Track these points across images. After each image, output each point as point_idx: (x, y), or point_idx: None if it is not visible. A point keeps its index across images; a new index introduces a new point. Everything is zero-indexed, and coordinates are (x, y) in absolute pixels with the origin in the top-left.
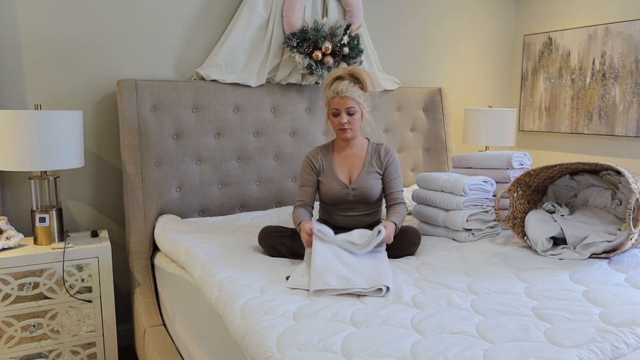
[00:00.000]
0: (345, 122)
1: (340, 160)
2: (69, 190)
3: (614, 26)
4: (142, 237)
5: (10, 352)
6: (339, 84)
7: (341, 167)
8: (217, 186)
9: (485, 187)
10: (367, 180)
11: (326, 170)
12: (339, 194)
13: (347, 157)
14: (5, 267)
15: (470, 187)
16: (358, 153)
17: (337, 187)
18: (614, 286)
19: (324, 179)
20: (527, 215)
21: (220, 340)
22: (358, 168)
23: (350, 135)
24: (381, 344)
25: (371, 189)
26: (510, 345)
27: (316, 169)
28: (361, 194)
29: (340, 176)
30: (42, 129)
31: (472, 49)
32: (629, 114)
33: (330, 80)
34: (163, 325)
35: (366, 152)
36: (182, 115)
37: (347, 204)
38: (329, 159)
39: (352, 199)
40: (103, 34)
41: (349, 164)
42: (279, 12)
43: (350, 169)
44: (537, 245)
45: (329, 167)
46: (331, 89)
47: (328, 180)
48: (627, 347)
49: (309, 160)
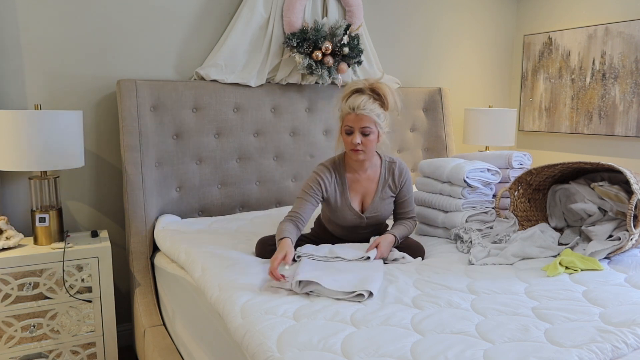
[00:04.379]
0: (358, 143)
1: (353, 185)
2: (69, 190)
3: (614, 26)
4: (142, 237)
5: (10, 352)
6: (356, 99)
7: (354, 193)
8: (217, 186)
9: (487, 178)
10: (381, 206)
11: (339, 195)
12: (352, 222)
13: (360, 180)
14: (5, 267)
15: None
16: (372, 176)
17: (350, 216)
18: (614, 286)
19: (335, 205)
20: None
21: (220, 340)
22: (371, 193)
23: (362, 158)
24: (381, 344)
25: (384, 214)
26: (510, 345)
27: (326, 191)
28: (375, 220)
29: (354, 203)
30: (42, 129)
31: (472, 49)
32: (629, 114)
33: (348, 92)
34: (163, 325)
35: (379, 174)
36: (182, 115)
37: (357, 228)
38: (341, 184)
39: (365, 226)
40: (103, 34)
41: (362, 189)
42: (279, 12)
43: (363, 193)
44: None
45: (342, 194)
46: (347, 103)
47: (341, 208)
48: (627, 347)
49: (320, 180)
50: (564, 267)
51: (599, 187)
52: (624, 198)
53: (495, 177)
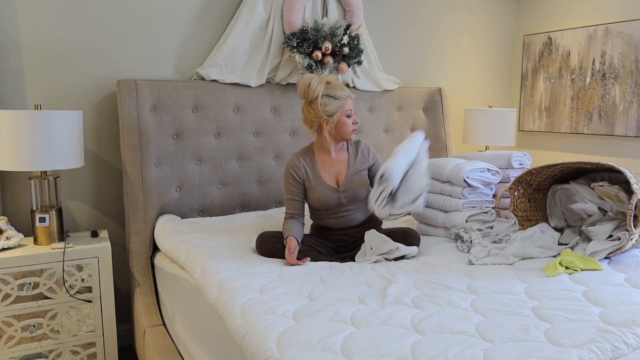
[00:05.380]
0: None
1: (324, 166)
2: (69, 190)
3: (614, 26)
4: (142, 237)
5: (10, 352)
6: (336, 87)
7: (326, 172)
8: (217, 186)
9: (487, 178)
10: (355, 178)
11: (312, 177)
12: (331, 199)
13: (331, 160)
14: (5, 267)
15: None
16: (341, 156)
17: (327, 192)
18: (614, 286)
19: (310, 186)
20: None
21: (220, 340)
22: (344, 169)
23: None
24: (381, 344)
25: (360, 187)
26: (510, 345)
27: (300, 178)
28: (352, 194)
29: (328, 181)
30: (42, 129)
31: (472, 48)
32: (629, 114)
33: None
34: (163, 325)
35: (348, 153)
36: (182, 115)
37: (339, 207)
38: (312, 165)
39: (345, 201)
40: (103, 34)
41: (334, 169)
42: (279, 12)
43: (336, 173)
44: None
45: (314, 174)
46: (342, 91)
47: (316, 187)
48: (627, 347)
49: (292, 172)
50: (564, 267)
51: (599, 187)
52: (624, 198)
53: (495, 177)
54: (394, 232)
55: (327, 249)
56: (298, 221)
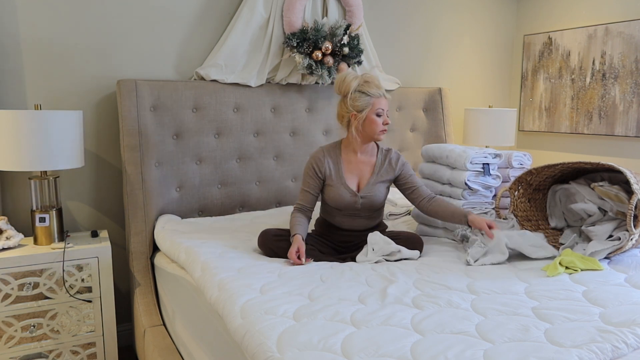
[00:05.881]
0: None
1: (349, 166)
2: (69, 190)
3: (614, 26)
4: (142, 237)
5: (10, 352)
6: (371, 85)
7: (350, 173)
8: (217, 186)
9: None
10: (375, 188)
11: (334, 175)
12: (347, 201)
13: (357, 162)
14: (5, 267)
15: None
16: (368, 159)
17: (346, 195)
18: (614, 286)
19: (331, 183)
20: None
21: (220, 340)
22: (367, 175)
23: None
24: (381, 344)
25: (378, 197)
26: (510, 345)
27: (322, 173)
28: (369, 202)
29: (350, 183)
30: (42, 129)
31: (472, 48)
32: (629, 114)
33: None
34: (163, 325)
35: (376, 159)
36: (182, 115)
37: (353, 210)
38: (337, 164)
39: (360, 207)
40: (103, 34)
41: (358, 171)
42: (279, 12)
43: (359, 175)
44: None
45: (338, 173)
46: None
47: (337, 186)
48: (627, 347)
49: (315, 165)
50: (564, 267)
51: (599, 187)
52: (624, 198)
53: (495, 182)
54: (398, 236)
55: (328, 249)
56: (306, 216)
